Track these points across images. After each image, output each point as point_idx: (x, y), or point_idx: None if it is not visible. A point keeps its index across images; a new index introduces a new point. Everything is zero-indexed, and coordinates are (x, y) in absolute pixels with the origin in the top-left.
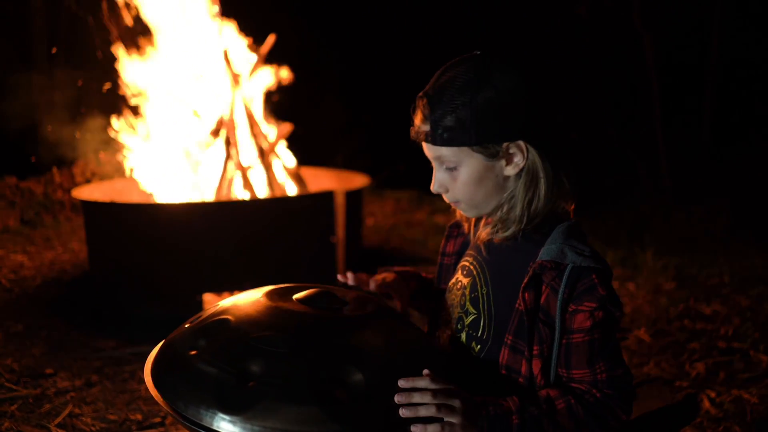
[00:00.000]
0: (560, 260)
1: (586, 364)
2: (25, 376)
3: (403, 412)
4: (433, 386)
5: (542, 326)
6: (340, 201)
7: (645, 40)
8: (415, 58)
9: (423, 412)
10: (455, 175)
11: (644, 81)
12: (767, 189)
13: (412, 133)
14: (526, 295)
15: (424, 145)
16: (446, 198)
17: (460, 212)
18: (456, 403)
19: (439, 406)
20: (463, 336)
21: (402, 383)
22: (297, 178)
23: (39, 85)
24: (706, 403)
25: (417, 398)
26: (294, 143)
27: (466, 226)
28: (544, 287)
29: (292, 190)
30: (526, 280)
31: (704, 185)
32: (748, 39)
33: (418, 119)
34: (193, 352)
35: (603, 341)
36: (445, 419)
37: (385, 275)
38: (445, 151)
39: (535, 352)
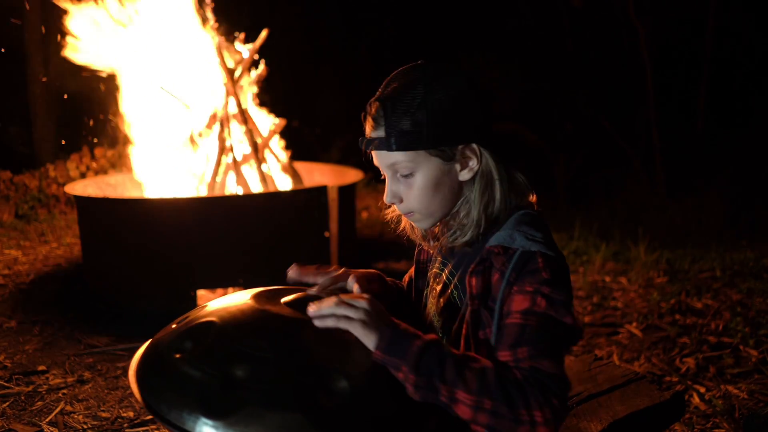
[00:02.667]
0: (508, 245)
1: (508, 347)
2: (17, 373)
3: (316, 323)
4: (339, 298)
5: (486, 312)
6: (333, 196)
7: (640, 32)
8: (410, 51)
9: (326, 312)
10: (410, 182)
11: (639, 73)
12: (760, 182)
13: (363, 144)
14: (473, 280)
15: (375, 154)
16: (398, 209)
17: (409, 229)
18: (361, 303)
19: (340, 305)
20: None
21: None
22: (291, 172)
23: (33, 80)
24: (696, 399)
25: (325, 305)
26: (289, 137)
27: (424, 245)
28: (494, 272)
29: (285, 185)
30: (473, 267)
31: (698, 178)
32: (742, 32)
33: (369, 127)
34: (178, 355)
35: (536, 330)
36: (350, 314)
37: (340, 272)
38: (401, 157)
39: (480, 337)
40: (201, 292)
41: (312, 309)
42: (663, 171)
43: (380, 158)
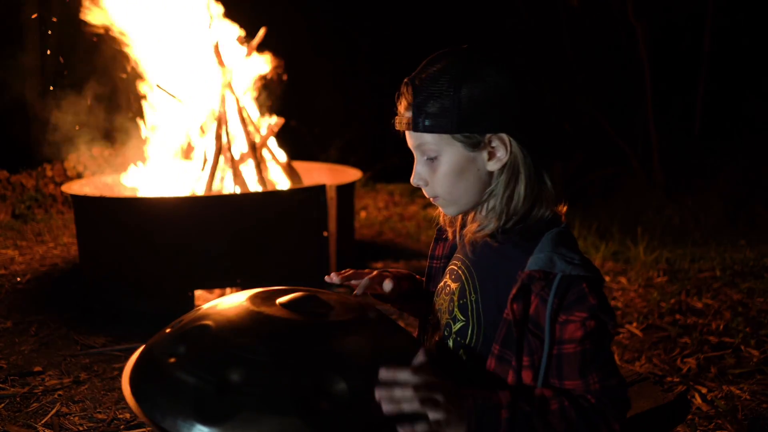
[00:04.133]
0: (549, 269)
1: (578, 375)
2: (13, 374)
3: (386, 408)
4: (415, 379)
5: (531, 337)
6: (331, 195)
7: (638, 31)
8: (411, 49)
9: (406, 407)
10: (435, 166)
11: (637, 73)
12: (759, 181)
13: (396, 122)
14: (515, 305)
15: (407, 134)
16: (425, 192)
17: (441, 215)
18: (440, 396)
19: (422, 401)
20: (450, 342)
21: (383, 374)
22: (289, 172)
23: (30, 79)
24: (698, 400)
25: (398, 393)
26: (288, 136)
27: (450, 231)
28: (533, 297)
29: (284, 184)
30: (514, 291)
31: (696, 178)
32: (741, 31)
33: (402, 106)
34: (172, 360)
35: (595, 351)
36: (431, 416)
37: (374, 274)
38: (427, 138)
39: (525, 363)
40: (199, 292)
41: (387, 406)
42: (661, 170)
43: (410, 138)
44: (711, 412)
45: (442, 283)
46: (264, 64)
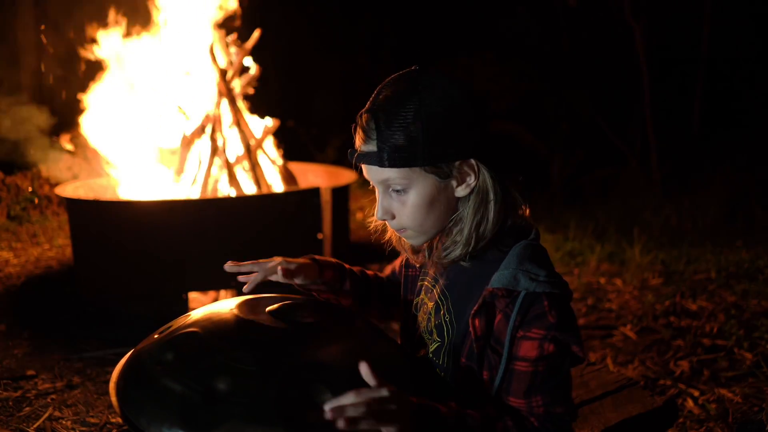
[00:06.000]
0: (512, 287)
1: (522, 395)
2: (5, 377)
3: (341, 425)
4: (362, 397)
5: (491, 353)
6: (326, 197)
7: (635, 31)
8: (411, 49)
9: (363, 425)
10: (404, 199)
11: (635, 72)
12: (757, 181)
13: (353, 157)
14: (477, 321)
15: (365, 168)
16: (390, 225)
17: (399, 241)
18: (393, 406)
19: (377, 415)
20: (431, 360)
21: (328, 404)
22: (284, 174)
23: (26, 82)
24: (690, 403)
25: (351, 411)
26: (285, 137)
27: (416, 259)
28: (497, 312)
29: (279, 186)
30: (476, 308)
31: (694, 178)
32: (739, 30)
33: (359, 139)
34: (159, 366)
35: (547, 375)
36: (384, 429)
37: (270, 266)
38: (394, 174)
39: (485, 377)
40: (193, 295)
41: (341, 422)
42: (659, 170)
43: (371, 173)
44: (702, 415)
45: (419, 299)
46: (261, 65)
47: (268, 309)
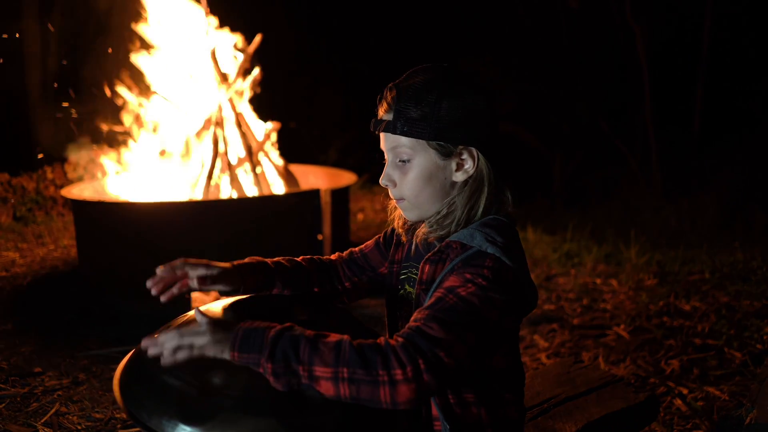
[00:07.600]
0: (467, 242)
1: (417, 311)
2: (13, 374)
3: (150, 351)
4: (177, 329)
5: (424, 295)
6: (326, 199)
7: (636, 33)
8: (411, 49)
9: (168, 344)
10: (406, 169)
11: (635, 74)
12: (757, 183)
13: (373, 124)
14: (426, 267)
15: (382, 136)
16: (392, 193)
17: (397, 219)
18: (203, 326)
19: (182, 334)
20: None
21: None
22: (285, 176)
23: (31, 81)
24: (677, 401)
25: (162, 337)
26: (287, 138)
27: (403, 234)
28: (447, 262)
29: (279, 188)
30: (428, 255)
31: (694, 179)
32: (739, 33)
33: (382, 109)
34: (160, 364)
35: (451, 306)
36: (193, 341)
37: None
38: (403, 141)
39: None
40: (195, 295)
41: (151, 349)
42: (659, 172)
43: (385, 140)
44: (688, 412)
45: (404, 290)
46: (263, 66)
47: (261, 308)
